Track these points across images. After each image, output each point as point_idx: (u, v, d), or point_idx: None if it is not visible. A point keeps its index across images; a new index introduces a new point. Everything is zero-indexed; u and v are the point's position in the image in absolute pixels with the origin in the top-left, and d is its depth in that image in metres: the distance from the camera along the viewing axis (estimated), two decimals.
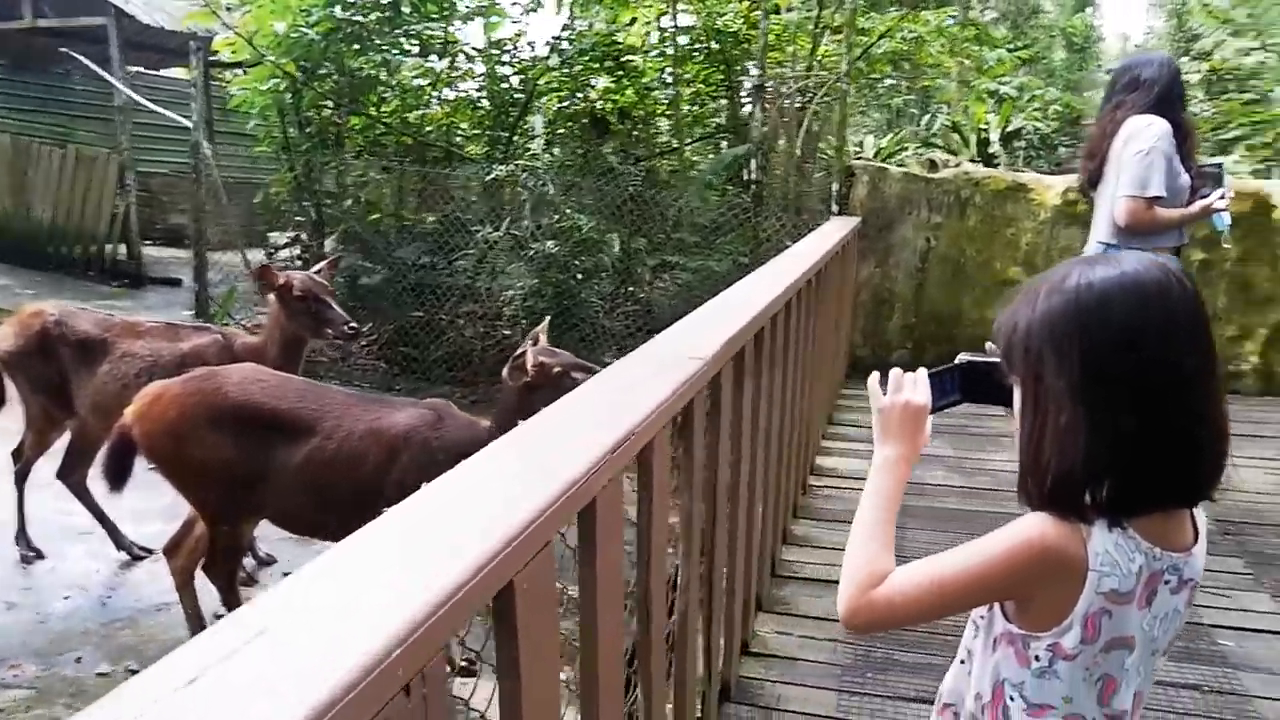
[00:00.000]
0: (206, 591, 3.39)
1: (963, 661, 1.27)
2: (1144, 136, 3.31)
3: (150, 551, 4.16)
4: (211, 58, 8.65)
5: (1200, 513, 1.12)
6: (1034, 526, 1.05)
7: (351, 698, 0.68)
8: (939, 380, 1.23)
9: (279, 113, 8.03)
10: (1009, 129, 12.15)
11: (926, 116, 12.89)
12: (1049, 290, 1.07)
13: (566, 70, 8.17)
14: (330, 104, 8.22)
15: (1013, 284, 5.67)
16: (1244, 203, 5.28)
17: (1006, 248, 5.64)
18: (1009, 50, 10.61)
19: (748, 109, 8.67)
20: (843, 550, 3.78)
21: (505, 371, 3.10)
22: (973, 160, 9.29)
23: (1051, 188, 5.64)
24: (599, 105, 8.28)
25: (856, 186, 5.78)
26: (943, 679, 2.64)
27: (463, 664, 3.08)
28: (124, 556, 4.20)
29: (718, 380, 2.05)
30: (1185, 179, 3.41)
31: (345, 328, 3.91)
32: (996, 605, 1.15)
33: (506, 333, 6.78)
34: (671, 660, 1.89)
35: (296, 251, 8.00)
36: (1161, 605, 1.07)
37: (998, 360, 1.23)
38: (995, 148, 11.55)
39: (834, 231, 4.63)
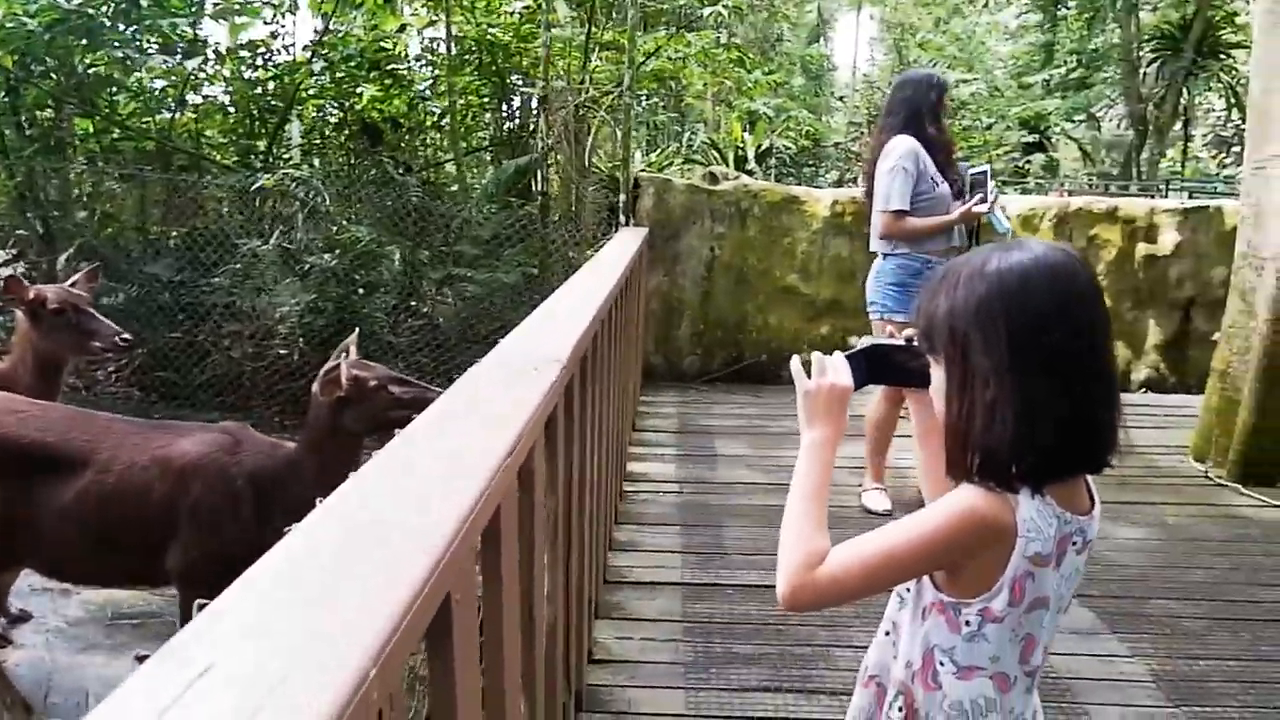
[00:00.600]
0: None
1: (887, 633, 1.31)
2: (890, 156, 3.67)
3: None
4: None
5: (1091, 478, 1.21)
6: (967, 499, 1.11)
7: None
8: (851, 363, 1.26)
9: None
10: (762, 148, 12.94)
11: (686, 134, 13.45)
12: (970, 274, 1.12)
13: (329, 77, 7.80)
14: (53, 104, 7.37)
15: (792, 290, 6.02)
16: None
17: (784, 256, 5.98)
18: (764, 74, 11.31)
19: (519, 121, 8.67)
20: (665, 552, 3.77)
21: (316, 387, 2.89)
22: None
23: (821, 200, 6.04)
24: (368, 114, 7.97)
25: (643, 198, 5.91)
26: (778, 666, 2.74)
27: None
28: None
29: (571, 385, 2.01)
30: (944, 189, 3.77)
31: (117, 339, 3.48)
32: (925, 576, 1.19)
33: (282, 352, 6.32)
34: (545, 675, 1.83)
35: (21, 269, 7.05)
36: (1068, 565, 1.16)
37: (899, 343, 1.29)
38: (751, 165, 12.26)
39: (631, 241, 4.71)
